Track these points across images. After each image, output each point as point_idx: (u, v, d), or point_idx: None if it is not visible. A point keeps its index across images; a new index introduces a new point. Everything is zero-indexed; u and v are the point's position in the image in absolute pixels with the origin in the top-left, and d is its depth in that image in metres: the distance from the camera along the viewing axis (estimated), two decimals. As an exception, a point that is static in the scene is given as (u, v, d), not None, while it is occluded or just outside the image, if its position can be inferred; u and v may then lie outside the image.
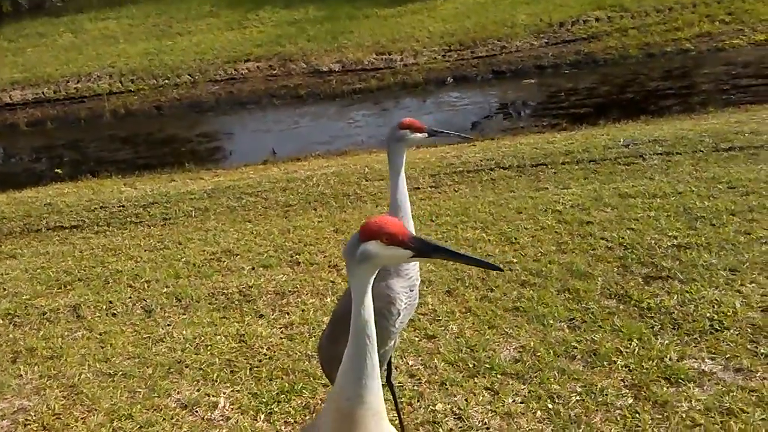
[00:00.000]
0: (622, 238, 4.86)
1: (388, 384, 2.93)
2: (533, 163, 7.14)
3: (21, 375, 3.99)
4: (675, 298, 3.97)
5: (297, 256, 5.30)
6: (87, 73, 15.01)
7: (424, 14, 16.77)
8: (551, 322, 3.92)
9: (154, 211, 7.11)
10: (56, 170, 10.73)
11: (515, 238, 5.12)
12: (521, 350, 3.71)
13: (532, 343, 3.74)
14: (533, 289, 4.30)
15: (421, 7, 17.26)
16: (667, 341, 3.58)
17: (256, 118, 12.91)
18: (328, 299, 4.53)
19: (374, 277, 1.62)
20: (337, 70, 14.55)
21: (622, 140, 7.42)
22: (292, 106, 13.39)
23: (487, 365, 3.59)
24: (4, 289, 5.27)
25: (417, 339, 3.93)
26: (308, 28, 16.63)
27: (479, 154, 7.78)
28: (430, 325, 4.06)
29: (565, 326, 3.88)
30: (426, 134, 2.59)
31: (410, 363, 3.72)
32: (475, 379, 3.51)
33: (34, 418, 3.56)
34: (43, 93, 14.49)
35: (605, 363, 3.48)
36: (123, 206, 7.43)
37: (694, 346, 3.53)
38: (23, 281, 5.42)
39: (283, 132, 11.74)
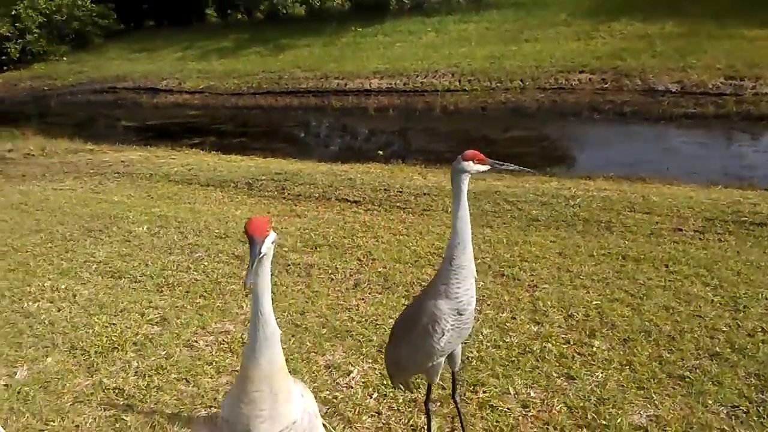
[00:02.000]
0: None
1: (453, 399, 3.03)
2: None
3: (243, 305, 5.03)
4: None
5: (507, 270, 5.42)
6: (434, 69, 16.62)
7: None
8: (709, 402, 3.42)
9: (420, 201, 7.81)
10: (378, 152, 12.29)
11: None
12: (653, 419, 3.35)
13: (669, 416, 3.34)
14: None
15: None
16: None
17: (571, 129, 12.82)
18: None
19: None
20: (673, 90, 13.51)
21: None
22: (613, 122, 12.92)
23: (605, 423, 3.35)
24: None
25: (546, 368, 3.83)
26: (657, 43, 15.65)
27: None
28: (575, 364, 3.89)
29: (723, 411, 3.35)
30: (488, 166, 2.62)
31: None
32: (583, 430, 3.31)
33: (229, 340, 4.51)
34: (395, 84, 16.57)
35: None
36: (400, 192, 8.32)
37: None
38: (290, 236, 6.60)
39: (591, 146, 11.47)
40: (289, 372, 2.08)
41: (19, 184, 9.82)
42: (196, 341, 4.55)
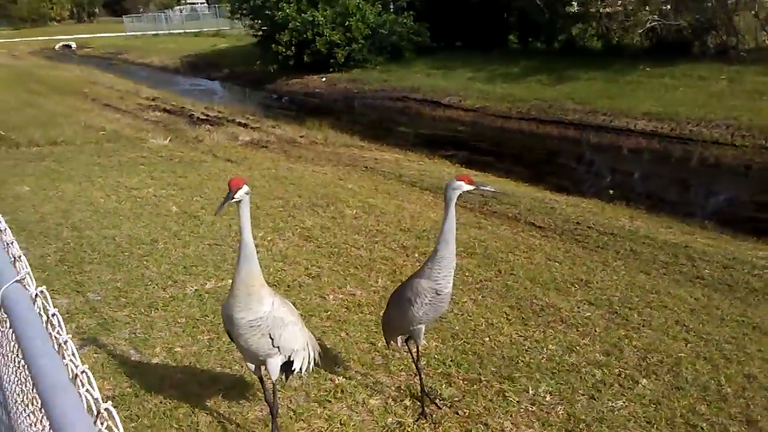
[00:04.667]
0: None
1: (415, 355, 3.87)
2: None
3: (378, 280, 6.20)
4: None
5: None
6: (709, 119, 15.72)
7: None
8: None
9: (600, 238, 8.08)
10: (610, 190, 12.38)
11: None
12: None
13: None
14: None
15: None
16: None
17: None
18: None
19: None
20: None
21: None
22: None
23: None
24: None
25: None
26: None
27: None
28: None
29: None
30: (474, 186, 3.38)
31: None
32: None
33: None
34: (661, 128, 16.11)
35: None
36: (590, 227, 8.63)
37: None
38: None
39: None
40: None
41: (292, 163, 12.32)
42: (328, 296, 5.86)
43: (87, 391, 0.98)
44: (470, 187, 3.47)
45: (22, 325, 1.24)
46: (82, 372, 0.99)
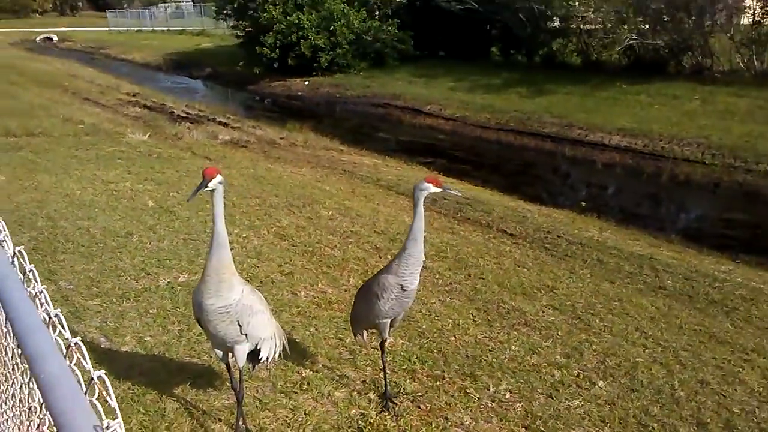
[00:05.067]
0: None
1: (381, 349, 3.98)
2: None
3: (350, 280, 6.30)
4: None
5: None
6: (681, 137, 16.11)
7: None
8: None
9: (569, 248, 8.27)
10: (582, 203, 12.63)
11: None
12: None
13: None
14: None
15: None
16: None
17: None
18: None
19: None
20: None
21: None
22: None
23: None
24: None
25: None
26: None
27: None
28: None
29: None
30: (441, 189, 3.52)
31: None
32: None
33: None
34: (634, 143, 16.48)
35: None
36: (559, 236, 8.82)
37: None
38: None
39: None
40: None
41: (271, 164, 12.39)
42: (300, 292, 5.96)
43: (59, 334, 1.08)
44: (437, 190, 3.61)
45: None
46: (55, 315, 1.08)
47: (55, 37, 55.44)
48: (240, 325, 3.27)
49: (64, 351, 1.12)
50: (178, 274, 6.14)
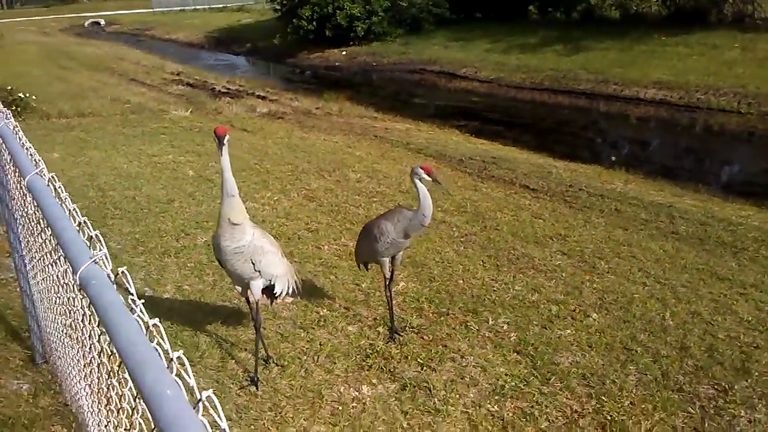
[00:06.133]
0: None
1: (385, 290, 4.46)
2: None
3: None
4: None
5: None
6: (717, 87, 15.89)
7: None
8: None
9: (589, 200, 8.54)
10: (612, 157, 12.76)
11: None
12: (560, 368, 4.24)
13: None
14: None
15: None
16: None
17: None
18: None
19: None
20: None
21: None
22: None
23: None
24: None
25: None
26: None
27: None
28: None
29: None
30: (432, 179, 3.95)
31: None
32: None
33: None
34: (670, 96, 16.35)
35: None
36: (581, 190, 9.09)
37: None
38: (451, 202, 8.10)
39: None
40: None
41: (306, 133, 12.91)
42: (323, 246, 6.49)
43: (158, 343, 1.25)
44: (428, 178, 4.05)
45: (103, 305, 1.41)
46: (154, 325, 1.31)
47: (102, 21, 57.03)
48: (253, 263, 3.80)
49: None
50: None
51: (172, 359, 1.20)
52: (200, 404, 1.06)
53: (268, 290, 4.11)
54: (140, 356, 1.21)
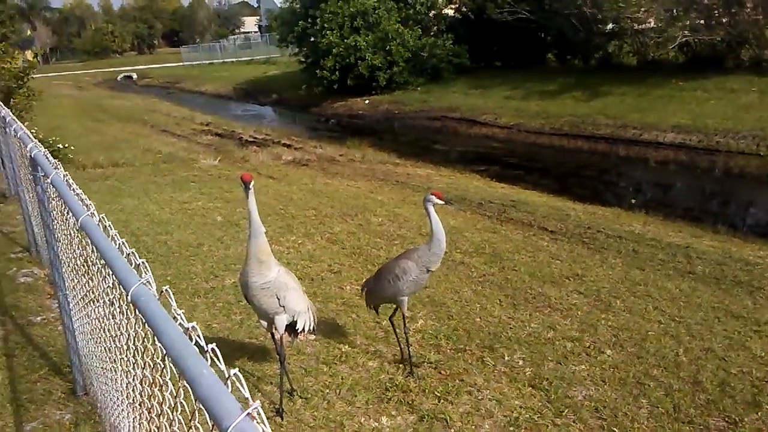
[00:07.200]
0: None
1: (403, 323, 4.67)
2: None
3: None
4: None
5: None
6: (737, 131, 16.05)
7: None
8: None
9: (607, 241, 8.70)
10: (632, 200, 12.90)
11: None
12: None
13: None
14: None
15: None
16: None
17: None
18: None
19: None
20: None
21: None
22: None
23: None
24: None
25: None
26: None
27: None
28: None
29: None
30: (443, 202, 4.22)
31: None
32: (518, 392, 4.54)
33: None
34: (689, 140, 16.51)
35: None
36: (599, 231, 9.25)
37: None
38: (470, 243, 8.33)
39: None
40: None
41: (329, 179, 13.31)
42: (346, 287, 6.73)
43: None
44: (440, 202, 4.34)
45: (155, 321, 1.73)
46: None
47: (134, 75, 59.26)
48: (278, 299, 4.06)
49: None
50: (241, 275, 7.04)
51: (206, 351, 1.54)
52: (228, 381, 1.42)
53: (290, 327, 4.35)
54: (182, 350, 1.58)
